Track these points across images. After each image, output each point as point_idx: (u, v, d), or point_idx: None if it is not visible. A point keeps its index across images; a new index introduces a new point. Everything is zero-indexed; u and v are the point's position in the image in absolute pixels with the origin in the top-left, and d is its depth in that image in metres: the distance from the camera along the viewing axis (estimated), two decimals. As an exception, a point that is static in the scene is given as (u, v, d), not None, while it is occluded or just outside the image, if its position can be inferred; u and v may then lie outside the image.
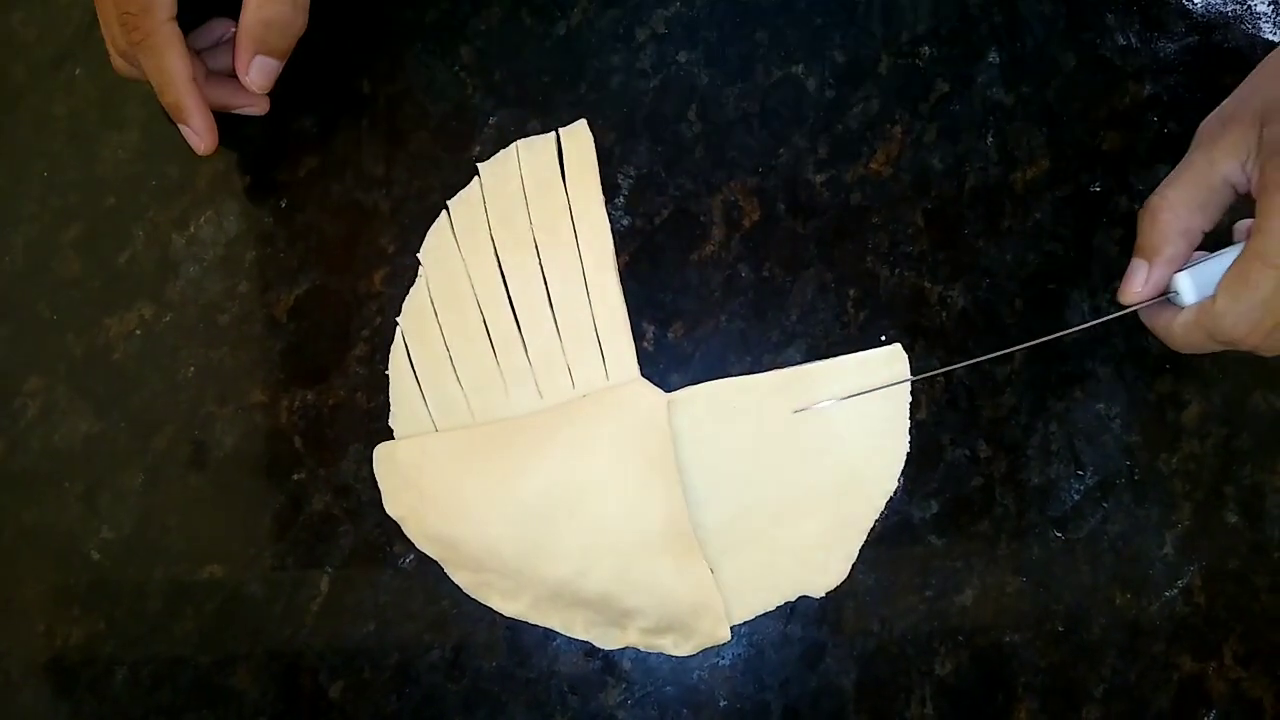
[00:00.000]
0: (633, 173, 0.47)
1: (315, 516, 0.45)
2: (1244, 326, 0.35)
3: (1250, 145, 0.37)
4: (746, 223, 0.47)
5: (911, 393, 0.44)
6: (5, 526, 0.46)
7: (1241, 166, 0.37)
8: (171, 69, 0.44)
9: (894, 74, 0.48)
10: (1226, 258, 0.37)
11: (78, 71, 0.51)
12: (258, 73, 0.45)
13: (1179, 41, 0.48)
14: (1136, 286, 0.39)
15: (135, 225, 0.49)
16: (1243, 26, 0.48)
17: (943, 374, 0.44)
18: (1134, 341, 0.44)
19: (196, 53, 0.46)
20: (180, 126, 0.46)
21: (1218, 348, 0.37)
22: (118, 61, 0.47)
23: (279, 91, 0.48)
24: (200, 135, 0.46)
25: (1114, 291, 0.42)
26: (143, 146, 0.50)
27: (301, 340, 0.47)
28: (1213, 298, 0.36)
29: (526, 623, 0.43)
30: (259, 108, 0.47)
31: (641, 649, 0.43)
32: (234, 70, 0.46)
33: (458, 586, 0.44)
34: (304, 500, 0.45)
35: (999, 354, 0.43)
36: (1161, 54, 0.47)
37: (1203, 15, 0.48)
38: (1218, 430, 0.44)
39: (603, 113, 0.48)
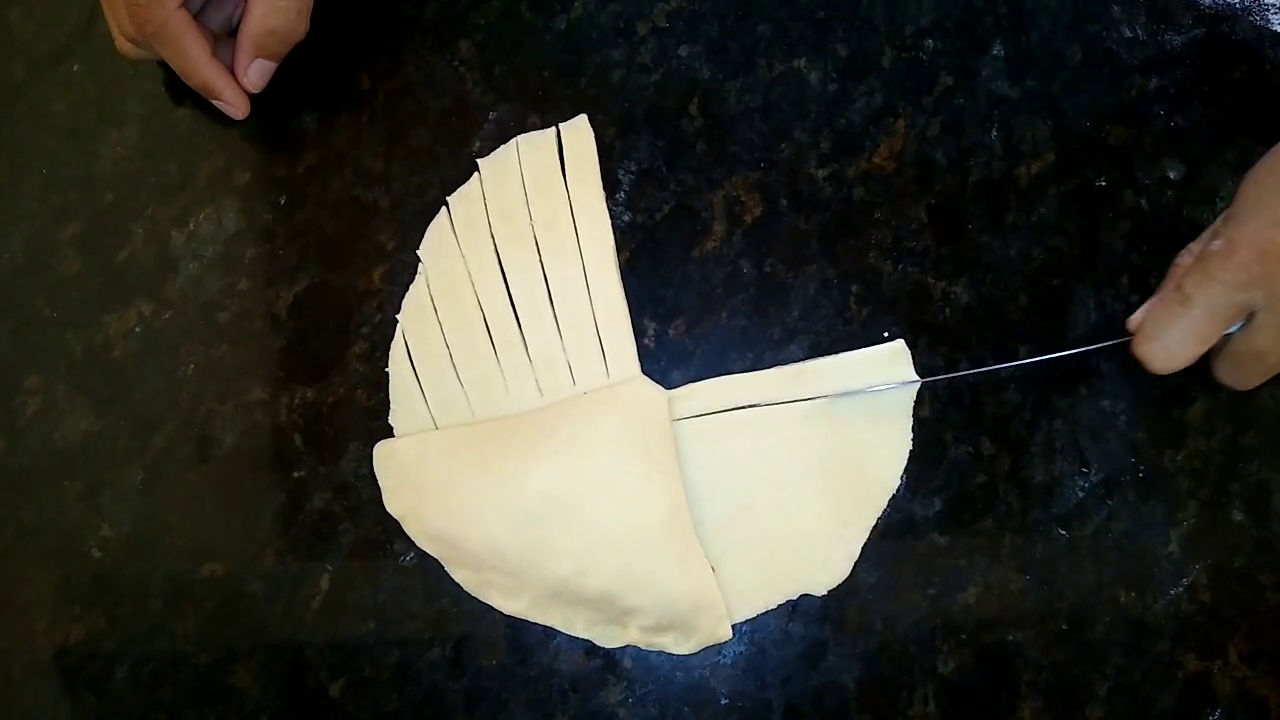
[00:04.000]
0: (633, 168, 0.47)
1: (316, 514, 0.45)
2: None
3: None
4: (748, 218, 0.46)
5: (915, 389, 0.44)
6: (6, 524, 0.46)
7: None
8: (190, 53, 0.45)
9: (897, 67, 0.47)
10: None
11: (76, 68, 0.51)
12: (256, 74, 0.47)
13: (1186, 34, 0.47)
14: None
15: (135, 222, 0.49)
16: (1251, 19, 0.47)
17: (945, 371, 0.44)
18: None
19: (204, 25, 0.47)
20: (213, 101, 0.47)
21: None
22: (124, 45, 0.47)
23: (278, 87, 0.48)
24: (235, 105, 0.47)
25: (1119, 287, 0.42)
26: (142, 143, 0.50)
27: (301, 337, 0.47)
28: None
29: (527, 621, 0.43)
30: (240, 111, 0.47)
31: (642, 647, 0.43)
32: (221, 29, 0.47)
33: (458, 585, 0.44)
34: (304, 498, 0.45)
35: (1016, 364, 0.42)
36: (1168, 47, 0.47)
37: (1210, 7, 0.47)
38: (1224, 427, 0.44)
39: (603, 108, 0.47)
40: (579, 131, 0.47)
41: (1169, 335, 0.39)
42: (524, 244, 0.46)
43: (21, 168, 0.50)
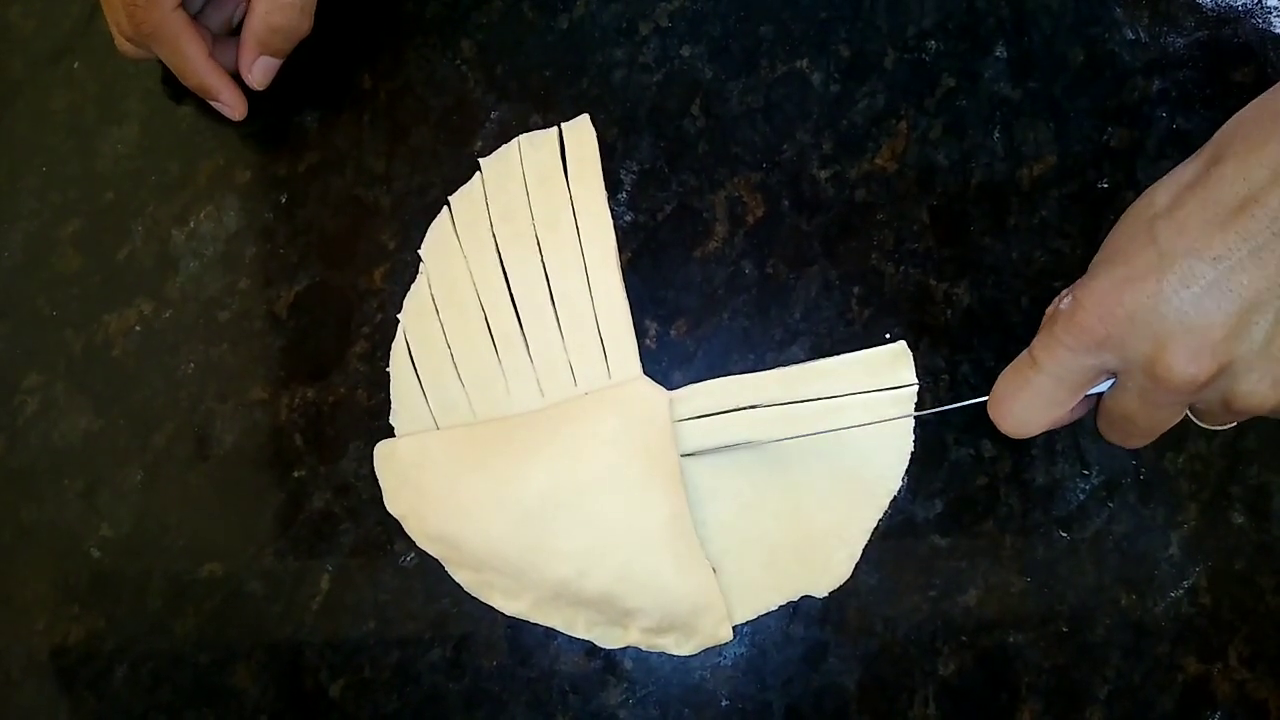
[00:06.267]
0: (635, 168, 0.47)
1: (316, 514, 0.45)
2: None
3: None
4: (750, 219, 0.46)
5: (916, 391, 0.44)
6: (5, 524, 0.46)
7: None
8: (187, 53, 0.45)
9: (900, 69, 0.47)
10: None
11: (76, 65, 0.51)
12: (260, 72, 0.47)
13: (1188, 36, 0.47)
14: None
15: (135, 221, 0.49)
16: (1253, 21, 0.47)
17: (947, 373, 0.44)
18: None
19: (202, 24, 0.47)
20: (211, 101, 0.47)
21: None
22: (123, 44, 0.47)
23: (279, 86, 0.48)
24: (232, 106, 0.47)
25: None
26: (142, 141, 0.50)
27: (302, 337, 0.47)
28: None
29: (528, 622, 0.43)
30: (237, 112, 0.47)
31: (643, 648, 0.43)
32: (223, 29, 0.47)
33: (459, 585, 0.44)
34: (304, 498, 0.45)
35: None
36: (1170, 49, 0.47)
37: (1212, 9, 0.47)
38: (1224, 430, 0.44)
39: (605, 107, 0.47)
40: (581, 131, 0.47)
41: (1017, 401, 0.36)
42: (525, 244, 0.46)
43: (21, 166, 0.50)
